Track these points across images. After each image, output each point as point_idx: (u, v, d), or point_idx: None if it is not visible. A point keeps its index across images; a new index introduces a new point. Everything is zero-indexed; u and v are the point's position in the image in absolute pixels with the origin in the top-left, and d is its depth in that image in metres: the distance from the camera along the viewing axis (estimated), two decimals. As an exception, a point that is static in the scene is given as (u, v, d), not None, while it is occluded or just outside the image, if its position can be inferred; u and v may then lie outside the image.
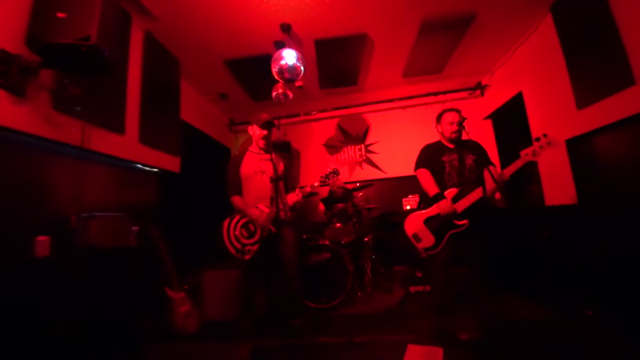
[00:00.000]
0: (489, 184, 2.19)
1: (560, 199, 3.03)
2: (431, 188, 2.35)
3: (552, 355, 1.94)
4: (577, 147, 2.81)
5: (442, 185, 2.34)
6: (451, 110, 2.44)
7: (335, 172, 2.51)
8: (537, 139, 2.13)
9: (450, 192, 2.28)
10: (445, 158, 2.38)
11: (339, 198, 3.91)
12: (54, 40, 1.63)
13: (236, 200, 2.55)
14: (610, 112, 2.39)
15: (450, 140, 2.42)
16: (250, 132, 2.67)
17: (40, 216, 1.89)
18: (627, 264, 2.31)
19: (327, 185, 2.60)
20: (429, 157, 2.45)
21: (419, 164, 2.47)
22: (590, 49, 2.51)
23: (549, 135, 2.12)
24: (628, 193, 2.34)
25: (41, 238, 1.82)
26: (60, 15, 1.63)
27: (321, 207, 3.98)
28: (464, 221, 2.22)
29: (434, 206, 2.31)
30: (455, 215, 2.24)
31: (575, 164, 2.85)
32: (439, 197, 2.29)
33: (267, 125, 2.52)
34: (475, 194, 2.19)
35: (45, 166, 1.98)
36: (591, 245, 2.65)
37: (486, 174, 2.25)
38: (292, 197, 2.50)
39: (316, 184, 2.52)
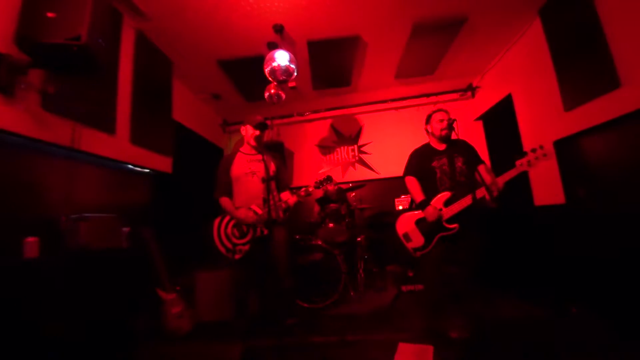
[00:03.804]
0: (482, 183, 2.21)
1: (549, 199, 3.09)
2: (417, 195, 2.40)
3: (540, 353, 1.97)
4: (565, 148, 2.87)
5: (435, 191, 2.36)
6: (440, 110, 2.48)
7: (329, 180, 2.53)
8: (534, 150, 2.14)
9: (443, 196, 2.31)
10: (435, 164, 2.40)
11: (335, 199, 3.93)
12: (44, 40, 1.62)
13: (224, 201, 2.54)
14: (596, 114, 2.45)
15: (441, 139, 2.44)
16: (243, 132, 2.67)
17: (29, 217, 1.87)
18: (614, 262, 2.37)
19: (320, 188, 2.60)
20: (418, 163, 2.48)
21: (407, 171, 2.52)
22: (578, 52, 2.57)
23: (545, 147, 2.13)
24: (614, 193, 2.40)
25: (30, 239, 1.80)
26: (50, 15, 1.62)
27: (316, 207, 3.99)
28: (454, 225, 2.25)
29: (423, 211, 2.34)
30: (444, 219, 2.27)
31: (563, 165, 2.91)
32: (424, 204, 2.33)
33: (261, 126, 2.53)
34: (465, 201, 2.21)
35: (35, 166, 1.96)
36: (579, 244, 2.71)
37: (477, 174, 2.28)
38: (293, 199, 2.50)
39: (310, 190, 2.52)
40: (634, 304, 2.17)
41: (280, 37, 3.07)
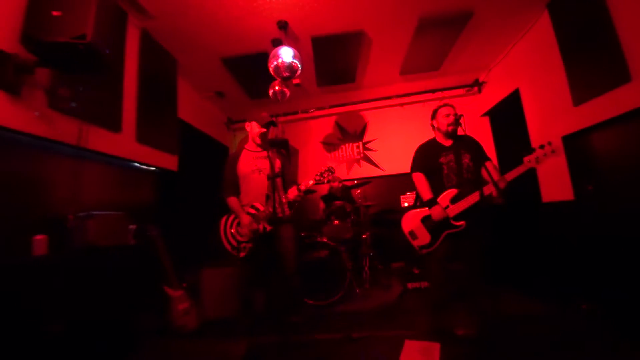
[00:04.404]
0: (488, 180, 2.19)
1: (557, 195, 3.04)
2: (425, 193, 2.36)
3: (548, 350, 1.95)
4: (574, 143, 2.83)
5: (441, 187, 2.34)
6: (446, 105, 2.45)
7: (331, 170, 2.51)
8: (542, 147, 2.10)
9: (449, 193, 2.28)
10: (442, 160, 2.37)
11: (340, 196, 3.93)
12: (50, 39, 1.62)
13: (231, 201, 2.53)
14: (606, 109, 2.40)
15: (447, 134, 2.41)
16: (248, 129, 2.65)
17: (37, 215, 1.90)
18: (623, 259, 2.33)
19: (323, 182, 2.58)
20: (425, 159, 2.45)
21: (414, 168, 2.48)
22: (587, 46, 2.52)
23: (553, 143, 2.10)
24: (624, 189, 2.36)
25: (39, 237, 1.83)
26: (55, 13, 1.62)
27: (321, 205, 3.99)
28: (461, 222, 2.23)
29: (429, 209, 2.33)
30: (451, 216, 2.26)
31: (571, 161, 2.87)
32: (431, 202, 2.31)
33: (268, 124, 2.52)
34: (473, 198, 2.19)
35: (42, 165, 1.98)
36: (587, 240, 2.67)
37: (484, 171, 2.26)
38: (293, 192, 2.49)
39: (311, 182, 2.51)
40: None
41: (284, 33, 3.06)
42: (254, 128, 2.59)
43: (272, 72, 3.01)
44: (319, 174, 2.49)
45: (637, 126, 2.24)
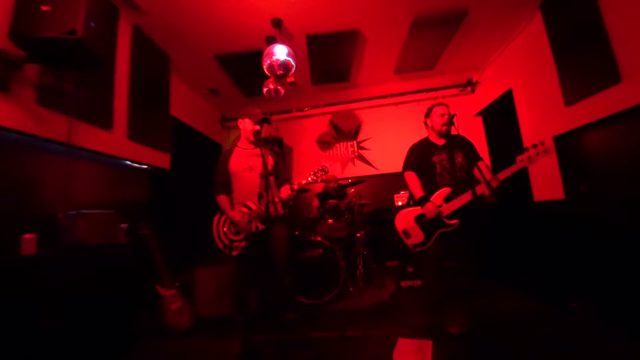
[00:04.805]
0: (480, 179, 2.21)
1: (548, 194, 3.08)
2: (417, 191, 2.37)
3: (539, 347, 1.98)
4: (565, 143, 2.86)
5: (434, 186, 2.35)
6: (440, 104, 2.45)
7: (324, 170, 2.50)
8: (534, 146, 2.11)
9: (443, 192, 2.29)
10: (435, 158, 2.38)
11: (334, 194, 3.92)
12: (39, 35, 1.59)
13: (221, 200, 2.51)
14: (597, 109, 2.43)
15: (441, 134, 2.42)
16: (241, 126, 2.61)
17: (26, 214, 1.86)
18: (613, 258, 2.37)
19: (316, 182, 2.57)
20: (417, 158, 2.45)
21: (406, 167, 2.48)
22: (579, 47, 2.55)
23: (546, 143, 2.11)
24: (615, 188, 2.40)
25: (28, 236, 1.79)
26: (45, 8, 1.59)
27: (315, 202, 3.98)
28: (454, 221, 2.24)
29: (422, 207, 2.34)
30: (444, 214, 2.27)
31: (562, 160, 2.90)
32: (423, 200, 2.31)
33: (262, 121, 2.50)
34: (466, 197, 2.20)
35: (31, 163, 1.95)
36: (578, 239, 2.71)
37: (476, 171, 2.28)
38: (286, 191, 2.47)
39: (303, 182, 2.49)
40: (634, 299, 2.18)
41: (278, 31, 3.04)
42: (247, 125, 2.56)
43: (266, 70, 2.99)
44: (312, 173, 2.47)
45: (627, 127, 2.27)
